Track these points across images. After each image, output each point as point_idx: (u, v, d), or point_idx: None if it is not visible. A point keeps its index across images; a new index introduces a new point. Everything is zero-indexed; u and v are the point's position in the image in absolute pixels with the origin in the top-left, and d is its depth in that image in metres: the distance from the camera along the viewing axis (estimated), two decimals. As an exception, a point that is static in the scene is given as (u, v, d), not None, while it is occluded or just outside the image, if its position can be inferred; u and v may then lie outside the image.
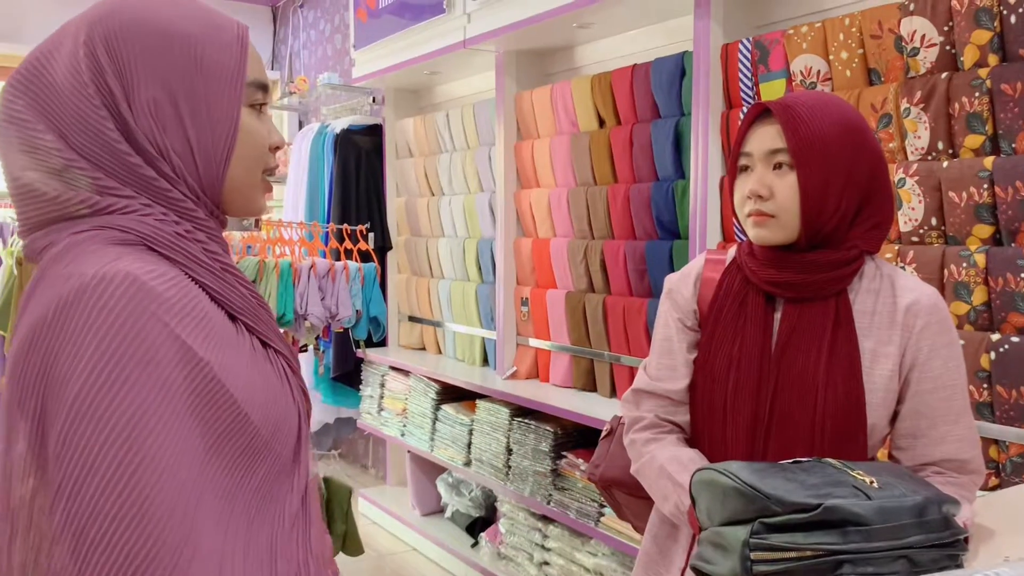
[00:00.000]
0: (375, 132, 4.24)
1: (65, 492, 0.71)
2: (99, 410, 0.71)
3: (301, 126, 5.37)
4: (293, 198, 4.47)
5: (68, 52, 0.81)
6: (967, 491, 1.28)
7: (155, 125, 0.82)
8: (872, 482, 1.06)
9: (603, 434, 1.63)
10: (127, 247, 0.80)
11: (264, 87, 0.90)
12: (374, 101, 4.30)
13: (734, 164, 1.35)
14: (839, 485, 1.05)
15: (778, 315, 1.33)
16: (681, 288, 1.44)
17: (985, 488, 1.75)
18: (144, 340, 0.73)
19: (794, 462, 1.14)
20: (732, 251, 1.44)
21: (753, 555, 1.00)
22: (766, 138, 1.29)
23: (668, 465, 1.34)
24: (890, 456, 1.35)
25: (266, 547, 0.83)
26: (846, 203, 1.27)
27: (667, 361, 1.42)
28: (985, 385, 1.75)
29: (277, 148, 0.92)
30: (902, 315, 1.29)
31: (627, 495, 1.54)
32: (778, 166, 1.28)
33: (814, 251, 1.29)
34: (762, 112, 1.31)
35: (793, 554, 0.99)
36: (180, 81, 0.82)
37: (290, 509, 0.87)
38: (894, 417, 1.32)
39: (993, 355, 1.72)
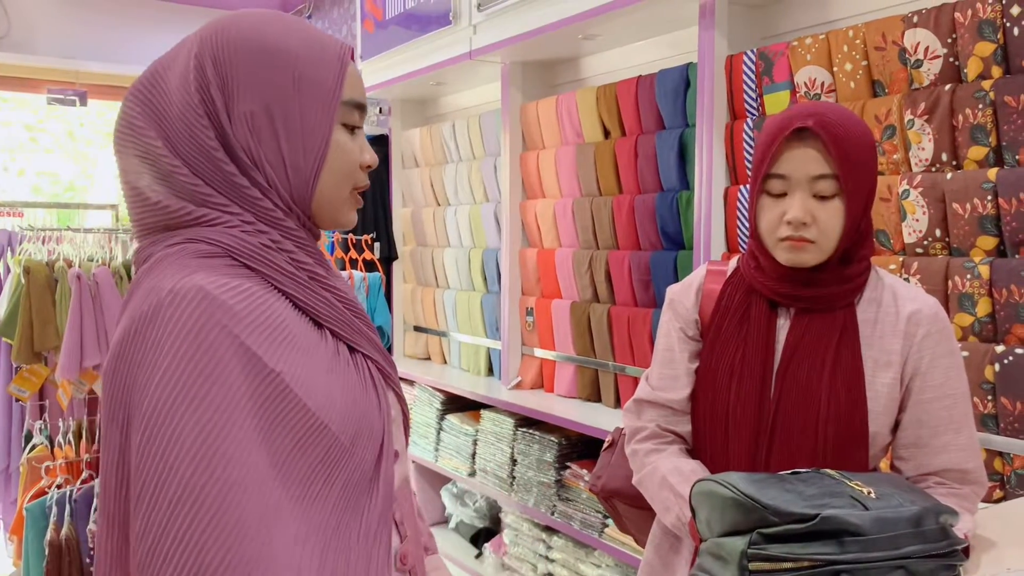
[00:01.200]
0: (381, 142, 4.25)
1: (143, 504, 0.73)
2: (170, 425, 0.74)
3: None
4: (300, 208, 4.48)
5: (181, 64, 0.87)
6: (969, 502, 1.28)
7: (251, 136, 0.86)
8: (869, 492, 1.06)
9: (605, 445, 1.63)
10: (210, 259, 0.83)
11: (361, 107, 0.94)
12: (380, 111, 4.32)
13: (760, 183, 1.29)
14: (836, 496, 1.05)
15: (781, 323, 1.33)
16: (682, 298, 1.45)
17: (989, 500, 1.74)
18: (213, 353, 0.76)
19: (793, 473, 1.14)
20: (733, 262, 1.44)
21: (751, 566, 1.00)
22: (808, 162, 1.24)
23: (670, 476, 1.34)
24: (892, 466, 1.35)
25: (344, 559, 0.83)
26: (867, 219, 1.28)
27: (668, 371, 1.43)
28: (989, 397, 1.74)
29: (369, 167, 0.95)
30: (904, 324, 1.29)
31: (628, 506, 1.54)
32: (819, 192, 1.24)
33: (836, 266, 1.29)
34: (794, 131, 1.25)
35: (790, 564, 0.99)
36: (277, 96, 0.86)
37: (373, 517, 0.87)
38: (896, 426, 1.32)
39: (997, 367, 1.71)
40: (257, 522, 0.74)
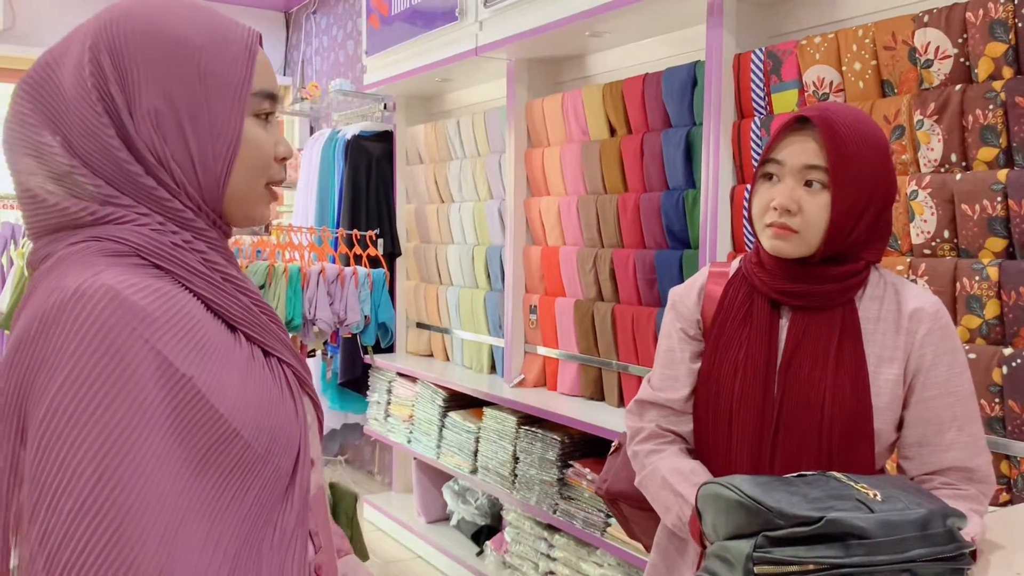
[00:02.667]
0: (386, 139, 4.25)
1: (39, 514, 0.69)
2: (73, 432, 0.69)
3: (312, 132, 5.39)
4: (303, 204, 4.48)
5: (75, 57, 0.81)
6: (977, 504, 1.26)
7: (156, 134, 0.81)
8: (875, 495, 1.05)
9: (612, 449, 1.63)
10: (118, 258, 0.78)
11: (272, 96, 0.89)
12: (385, 108, 4.31)
13: (759, 169, 1.32)
14: (842, 498, 1.04)
15: (784, 323, 1.32)
16: (684, 298, 1.44)
17: (996, 504, 1.73)
18: (122, 357, 0.71)
19: (799, 476, 1.13)
20: (735, 263, 1.43)
21: (756, 569, 0.99)
22: (803, 152, 1.25)
23: (670, 476, 1.34)
24: (897, 466, 1.34)
25: (255, 570, 0.79)
26: (867, 223, 1.27)
27: (670, 371, 1.42)
28: (997, 399, 1.73)
29: (284, 159, 0.90)
30: (906, 321, 1.29)
31: (633, 508, 1.54)
32: (809, 182, 1.25)
33: (825, 264, 1.28)
34: (797, 121, 1.27)
35: (795, 568, 0.98)
36: (182, 91, 0.81)
37: (287, 526, 0.84)
38: (900, 425, 1.31)
39: (1005, 369, 1.70)
40: (161, 533, 0.70)
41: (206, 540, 0.75)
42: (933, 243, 1.87)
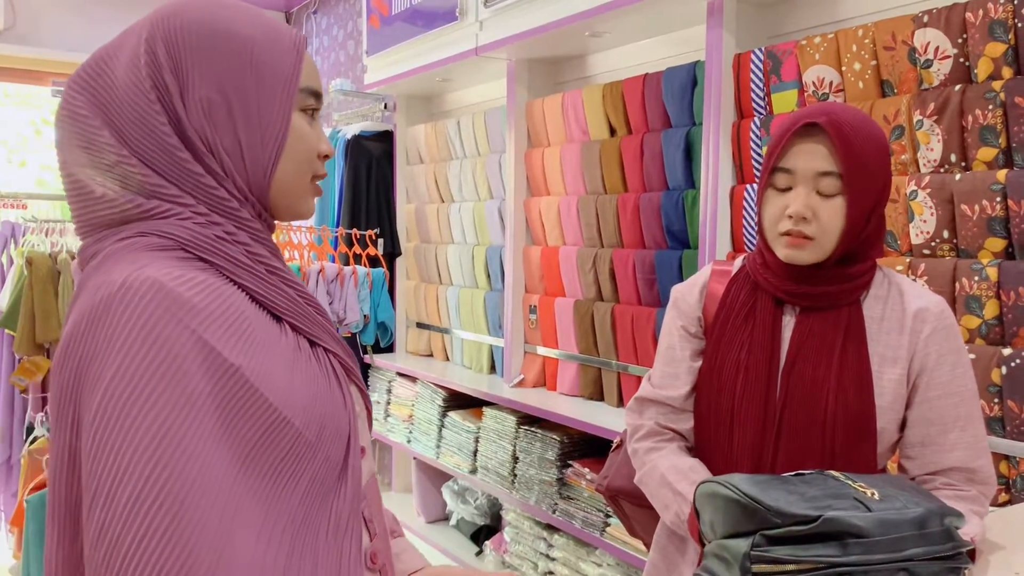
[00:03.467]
0: (386, 138, 4.25)
1: (98, 506, 0.70)
2: (125, 424, 0.71)
3: (314, 132, 5.38)
4: (304, 203, 4.47)
5: (130, 50, 0.83)
6: (978, 505, 1.26)
7: (207, 122, 0.83)
8: (873, 494, 1.05)
9: (613, 446, 1.62)
10: (162, 252, 0.80)
11: (317, 95, 0.92)
12: (385, 107, 4.31)
13: (767, 177, 1.29)
14: (840, 497, 1.04)
15: (787, 321, 1.32)
16: (686, 296, 1.44)
17: (996, 504, 1.73)
18: (170, 348, 0.73)
19: (796, 474, 1.13)
20: (739, 262, 1.43)
21: (754, 567, 0.99)
22: (813, 158, 1.24)
23: (668, 474, 1.34)
24: (899, 466, 1.34)
25: (312, 557, 0.80)
26: (876, 222, 1.27)
27: (670, 369, 1.42)
28: (996, 400, 1.73)
29: (326, 156, 0.93)
30: (911, 320, 1.29)
31: (633, 505, 1.54)
32: (822, 188, 1.24)
33: (839, 265, 1.28)
34: (803, 126, 1.25)
35: (793, 566, 0.98)
36: (234, 81, 0.84)
37: (342, 513, 0.84)
38: (903, 425, 1.31)
39: (1004, 369, 1.70)
40: (218, 521, 0.71)
41: (261, 528, 0.76)
42: (932, 243, 1.87)
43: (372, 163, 4.16)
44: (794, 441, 1.28)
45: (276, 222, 0.94)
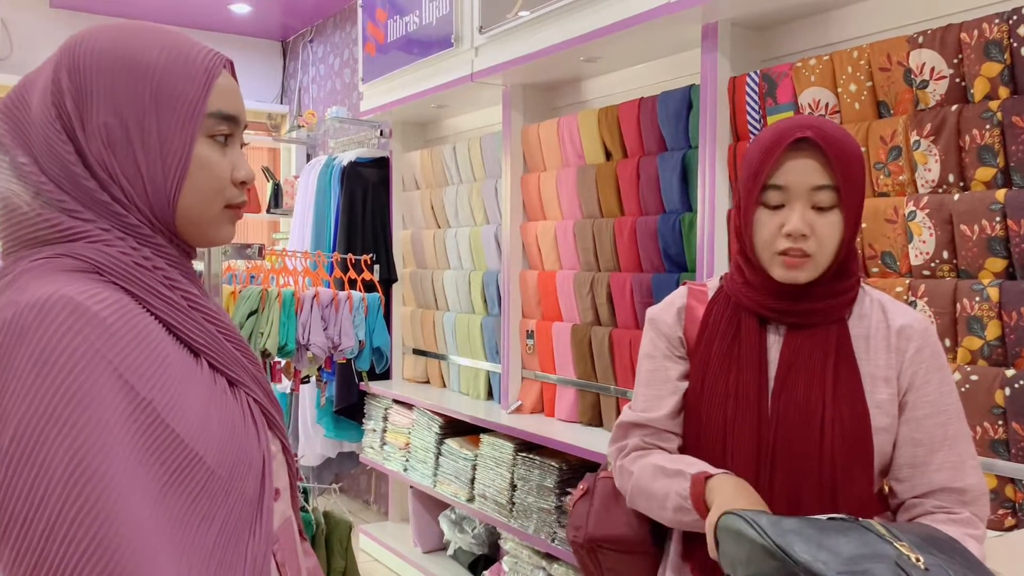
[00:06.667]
0: (382, 165, 4.25)
1: (11, 537, 0.68)
2: (39, 454, 0.68)
3: (309, 159, 5.39)
4: (300, 230, 4.47)
5: (44, 78, 0.84)
6: (973, 528, 1.23)
7: (106, 150, 0.82)
8: (918, 560, 0.95)
9: (578, 495, 1.52)
10: (78, 273, 0.78)
11: (231, 119, 0.88)
12: (381, 134, 4.32)
13: (756, 195, 1.25)
14: (879, 559, 0.94)
15: (773, 340, 1.29)
16: (664, 316, 1.40)
17: (1001, 528, 1.70)
18: (86, 378, 0.71)
19: (830, 519, 1.05)
20: (714, 282, 1.40)
21: None
22: (806, 173, 1.21)
23: (662, 463, 1.29)
24: (889, 490, 1.31)
25: None
26: (855, 233, 1.26)
27: (653, 391, 1.38)
28: (1000, 422, 1.70)
29: (243, 183, 0.90)
30: (895, 338, 1.27)
31: (618, 553, 1.43)
32: (817, 203, 1.21)
33: (824, 281, 1.26)
34: (793, 141, 1.21)
35: None
36: (133, 108, 0.82)
37: (257, 554, 0.82)
38: (893, 445, 1.28)
39: (1008, 391, 1.68)
40: (134, 554, 0.69)
41: (177, 566, 0.74)
42: (932, 264, 1.85)
43: (368, 189, 4.16)
44: (791, 463, 1.24)
45: (209, 248, 0.91)
